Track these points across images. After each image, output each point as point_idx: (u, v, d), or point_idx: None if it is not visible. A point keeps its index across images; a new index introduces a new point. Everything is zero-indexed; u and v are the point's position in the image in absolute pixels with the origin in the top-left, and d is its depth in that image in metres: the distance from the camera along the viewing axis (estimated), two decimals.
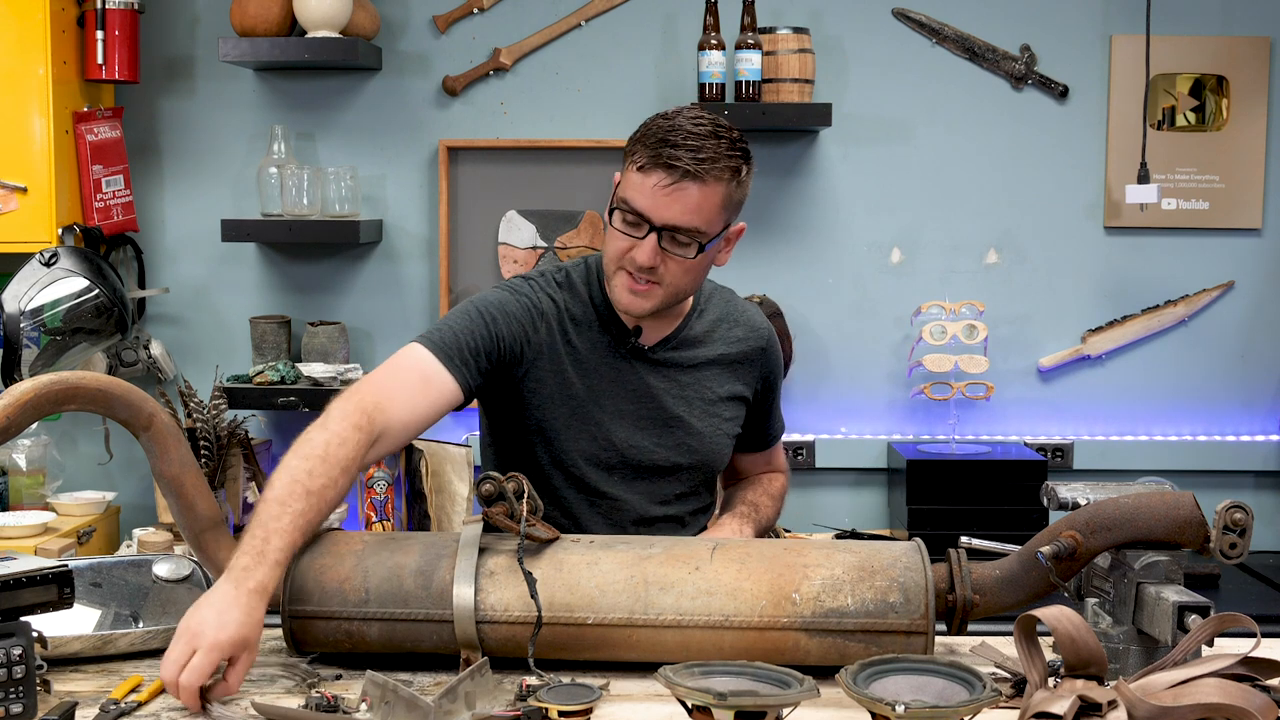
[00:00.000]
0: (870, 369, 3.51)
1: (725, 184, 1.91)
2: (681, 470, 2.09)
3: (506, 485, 1.69)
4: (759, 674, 1.42)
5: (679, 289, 1.97)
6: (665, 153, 1.87)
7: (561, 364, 2.03)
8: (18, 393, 1.59)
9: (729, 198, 1.93)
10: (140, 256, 3.44)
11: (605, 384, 2.04)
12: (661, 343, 2.07)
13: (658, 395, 2.06)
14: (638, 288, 1.95)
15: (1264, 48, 3.43)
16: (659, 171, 1.88)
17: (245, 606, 1.55)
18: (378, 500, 3.14)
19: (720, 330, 2.12)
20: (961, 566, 1.68)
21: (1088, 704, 1.28)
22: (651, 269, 1.92)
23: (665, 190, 1.88)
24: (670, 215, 1.89)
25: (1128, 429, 3.52)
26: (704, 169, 1.88)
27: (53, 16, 3.14)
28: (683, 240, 1.91)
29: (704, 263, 1.97)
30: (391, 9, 3.45)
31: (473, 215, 3.46)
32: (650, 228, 1.90)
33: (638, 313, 1.98)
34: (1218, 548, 1.57)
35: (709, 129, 1.90)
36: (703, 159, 1.87)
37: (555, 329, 2.03)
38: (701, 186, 1.88)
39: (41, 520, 3.11)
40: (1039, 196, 3.48)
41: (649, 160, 1.89)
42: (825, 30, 3.42)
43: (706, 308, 2.14)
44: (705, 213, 1.90)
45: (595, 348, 2.04)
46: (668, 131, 1.89)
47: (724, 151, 1.90)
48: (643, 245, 1.91)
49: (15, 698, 1.48)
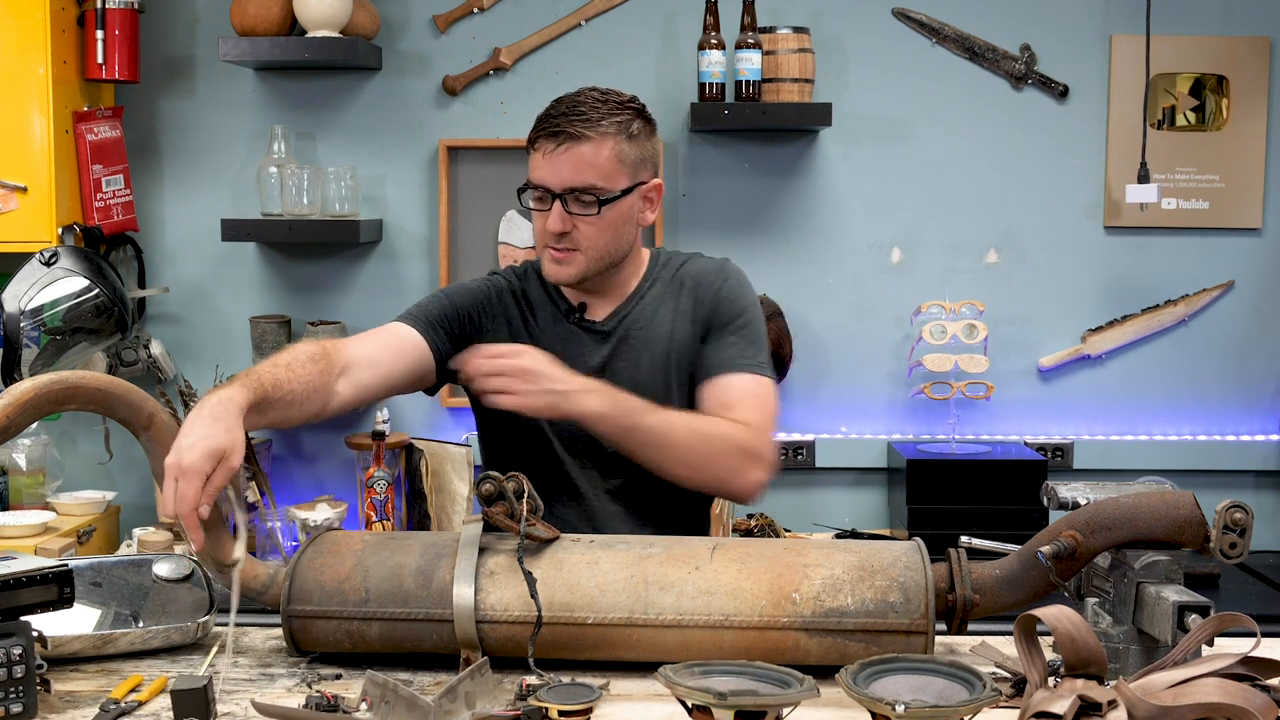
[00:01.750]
0: (870, 369, 3.51)
1: (613, 139, 2.02)
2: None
3: (506, 485, 1.69)
4: (759, 674, 1.42)
5: (598, 250, 2.05)
6: (550, 123, 2.02)
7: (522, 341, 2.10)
8: (18, 392, 1.59)
9: (623, 153, 2.03)
10: (140, 256, 3.44)
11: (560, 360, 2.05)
12: (611, 315, 2.13)
13: (610, 367, 2.09)
14: (559, 256, 2.05)
15: (1264, 48, 3.43)
16: (546, 141, 2.02)
17: (208, 418, 1.62)
18: (378, 500, 3.15)
19: (671, 292, 2.14)
20: (961, 566, 1.68)
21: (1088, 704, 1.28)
22: (564, 233, 2.02)
23: (554, 155, 2.01)
24: (564, 177, 2.00)
25: (1128, 429, 3.52)
26: (586, 128, 2.00)
27: (53, 16, 3.14)
28: (584, 199, 2.01)
29: (616, 220, 2.04)
30: (391, 9, 3.45)
31: (473, 215, 3.46)
32: (553, 196, 2.02)
33: (564, 280, 2.08)
34: (1218, 547, 1.57)
35: (595, 97, 2.05)
36: (585, 120, 2.00)
37: (514, 308, 2.15)
38: (588, 144, 2.00)
39: (41, 520, 3.11)
40: (1039, 196, 3.48)
41: (538, 134, 2.03)
42: (825, 30, 3.42)
43: (660, 275, 2.16)
44: (598, 169, 2.00)
45: (548, 327, 2.14)
46: (554, 107, 2.04)
47: (608, 111, 2.02)
48: (551, 214, 2.03)
49: (15, 697, 1.48)
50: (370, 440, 3.22)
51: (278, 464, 3.50)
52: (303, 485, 3.53)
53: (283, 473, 3.51)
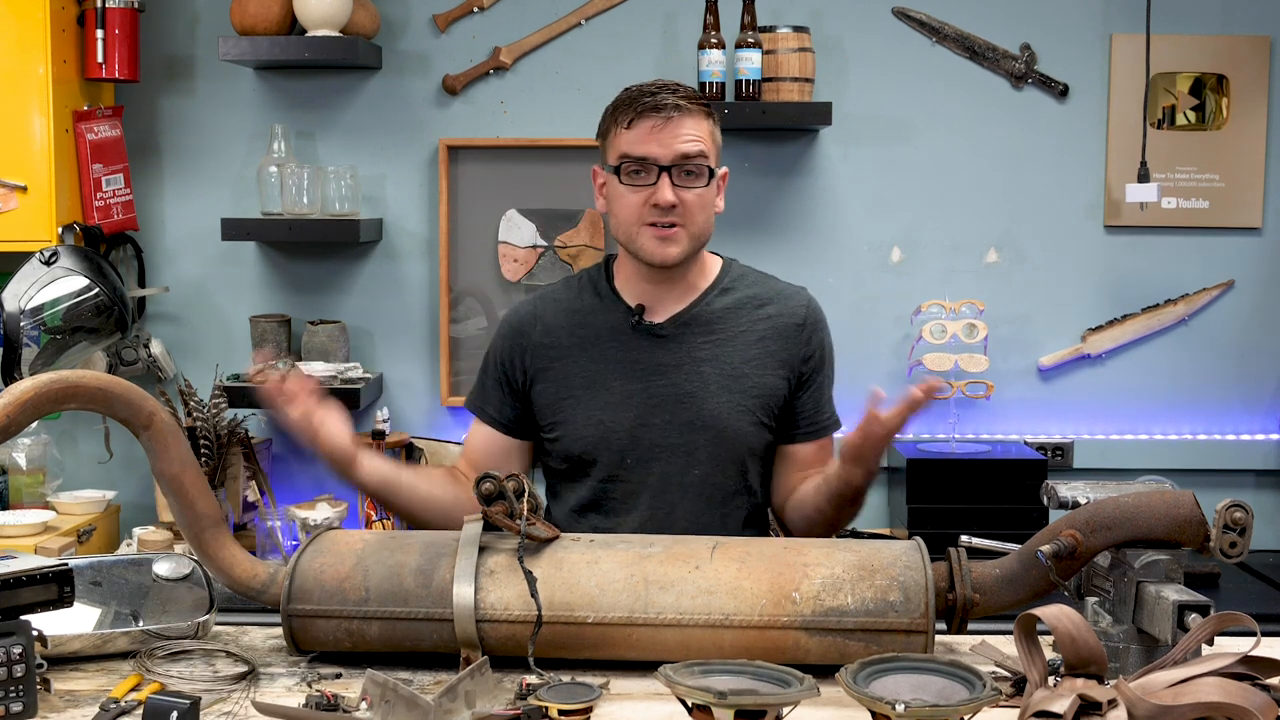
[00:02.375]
0: (870, 368, 3.50)
1: (708, 118, 2.05)
2: (698, 447, 2.06)
3: (506, 484, 1.69)
4: (759, 673, 1.42)
5: (698, 227, 2.04)
6: (647, 100, 2.01)
7: (562, 361, 2.10)
8: (18, 391, 1.59)
9: (714, 133, 2.06)
10: (140, 255, 3.44)
11: (612, 365, 2.08)
12: (674, 318, 2.09)
13: (668, 371, 2.07)
14: (664, 233, 2.02)
15: (1264, 47, 3.43)
16: (648, 117, 2.00)
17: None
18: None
19: (748, 309, 2.12)
20: (961, 565, 1.68)
21: (1088, 703, 1.28)
22: (672, 207, 2.00)
23: (661, 128, 2.00)
24: (675, 148, 2.00)
25: (1127, 428, 3.52)
26: (688, 102, 2.01)
27: (53, 16, 3.14)
28: (693, 169, 2.01)
29: (711, 198, 2.06)
30: (391, 8, 3.45)
31: (473, 214, 3.46)
32: (659, 168, 2.00)
33: (671, 259, 2.03)
34: (1218, 547, 1.57)
35: (670, 82, 2.05)
36: (683, 96, 2.02)
37: (557, 329, 2.12)
38: (692, 117, 2.01)
39: (41, 519, 3.11)
40: (1039, 196, 3.48)
41: (635, 114, 2.01)
42: (825, 29, 3.42)
43: (735, 286, 2.14)
44: (704, 140, 2.02)
45: (601, 333, 2.10)
46: (638, 91, 2.04)
47: (693, 94, 2.04)
48: (659, 187, 2.00)
49: (15, 696, 1.48)
50: (370, 440, 3.22)
51: (278, 464, 3.50)
52: (303, 485, 3.53)
53: (283, 472, 3.51)
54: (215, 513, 1.76)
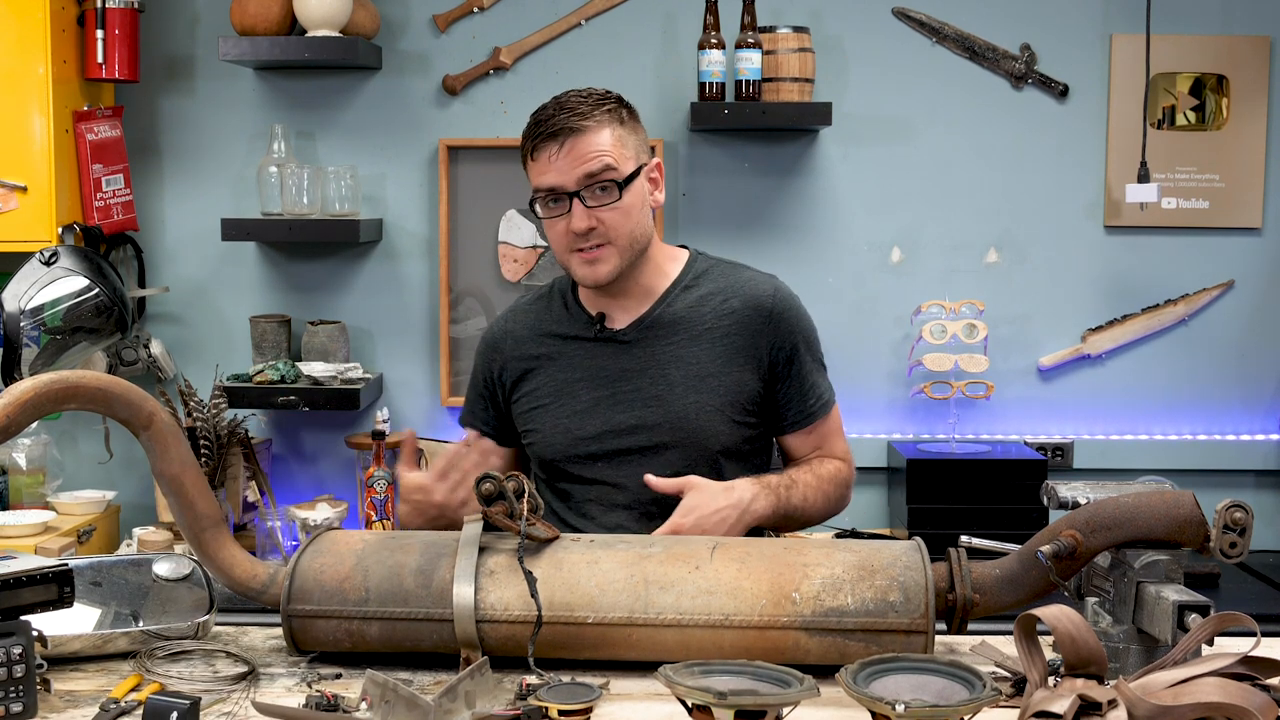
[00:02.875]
0: (870, 368, 3.50)
1: (610, 124, 2.02)
2: (667, 449, 2.08)
3: (506, 485, 1.69)
4: (759, 673, 1.42)
5: (625, 238, 2.03)
6: (543, 128, 2.00)
7: (535, 370, 2.15)
8: (17, 392, 1.59)
9: (622, 137, 2.03)
10: (140, 255, 3.44)
11: (579, 374, 2.11)
12: (635, 323, 2.11)
13: (633, 376, 2.09)
14: (590, 255, 2.03)
15: (1264, 47, 3.43)
16: (546, 145, 2.00)
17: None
18: (378, 500, 3.15)
19: (712, 303, 2.12)
20: (961, 566, 1.67)
21: (1088, 703, 1.28)
22: (591, 229, 2.00)
23: (559, 155, 1.99)
24: (577, 171, 1.99)
25: (1127, 428, 3.52)
26: (583, 121, 1.99)
27: (53, 16, 3.14)
28: (603, 186, 2.00)
29: (635, 204, 2.04)
30: (391, 8, 3.45)
31: (473, 214, 3.46)
32: (569, 195, 2.00)
33: (602, 279, 2.04)
34: (1218, 547, 1.57)
35: (573, 95, 2.04)
36: (578, 114, 2.00)
37: (527, 342, 2.17)
38: (588, 134, 1.99)
39: (41, 519, 3.11)
40: (1039, 196, 3.48)
41: (535, 143, 2.02)
42: (825, 29, 3.42)
43: (699, 282, 2.14)
44: (606, 153, 2.00)
45: (567, 343, 2.14)
46: (538, 114, 2.03)
47: (594, 102, 2.02)
48: (573, 214, 2.00)
49: (15, 697, 1.48)
50: (370, 440, 3.22)
51: (278, 464, 3.51)
52: (303, 485, 3.53)
53: (283, 473, 3.51)
54: (215, 513, 1.76)
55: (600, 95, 2.05)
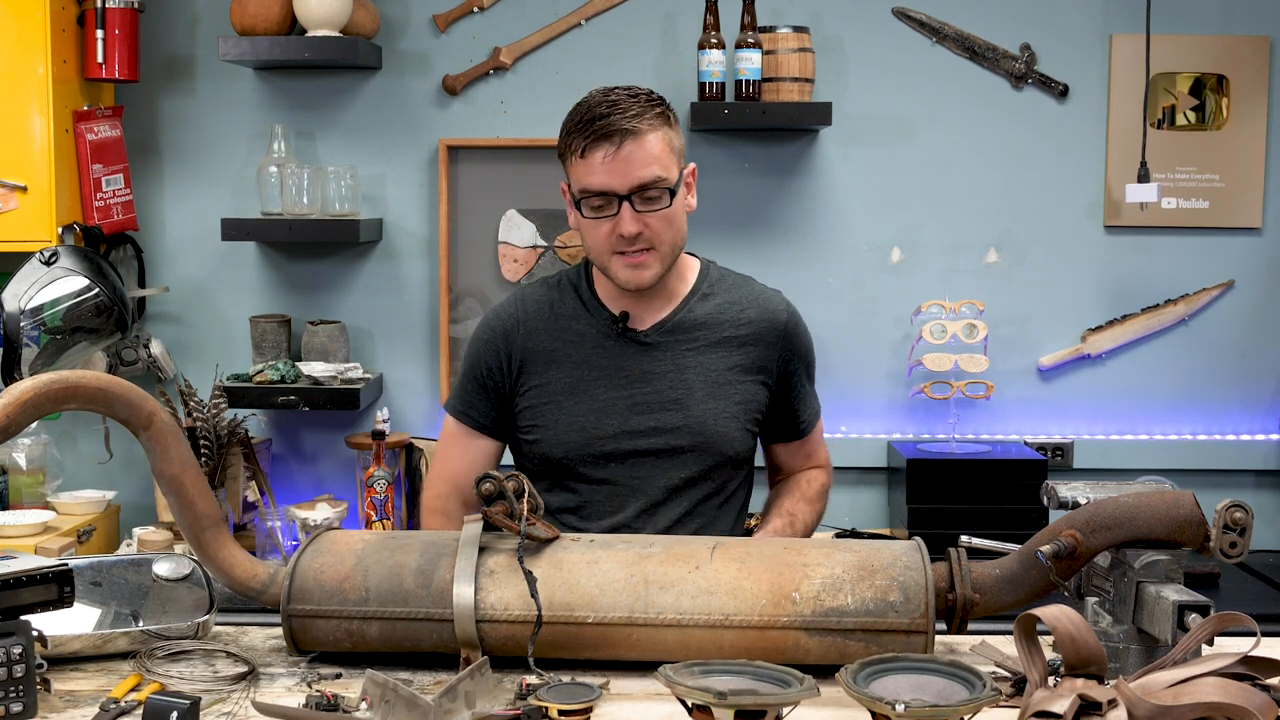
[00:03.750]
0: (870, 368, 3.51)
1: (662, 130, 2.00)
2: (684, 452, 2.08)
3: (506, 484, 1.69)
4: (759, 673, 1.42)
5: (669, 244, 2.03)
6: (597, 127, 1.96)
7: (548, 363, 2.11)
8: (17, 392, 1.59)
9: (671, 142, 2.01)
10: (140, 255, 3.44)
11: (596, 373, 2.09)
12: (657, 326, 2.09)
13: (653, 379, 2.07)
14: (635, 260, 2.01)
15: (1264, 47, 3.43)
16: (600, 146, 1.96)
17: None
18: (378, 499, 3.15)
19: (730, 312, 2.12)
20: (961, 565, 1.68)
21: (1088, 703, 1.28)
22: (639, 234, 1.98)
23: (614, 158, 1.96)
24: (631, 177, 1.96)
25: (1128, 428, 3.52)
26: (638, 123, 1.96)
27: (53, 16, 3.14)
28: (653, 194, 1.98)
29: (678, 210, 2.04)
30: (391, 8, 3.45)
31: (473, 214, 3.46)
32: (619, 199, 1.97)
33: (647, 283, 2.03)
34: (1218, 547, 1.57)
35: (623, 93, 2.01)
36: (632, 115, 1.97)
37: (539, 333, 2.12)
38: (644, 139, 1.96)
39: (41, 519, 3.11)
40: (1039, 196, 3.48)
41: (587, 142, 1.97)
42: (825, 29, 3.42)
43: (715, 290, 2.14)
44: (660, 160, 1.98)
45: (585, 339, 2.10)
46: (588, 111, 1.99)
47: (646, 105, 2.00)
48: (622, 218, 1.98)
49: (15, 697, 1.48)
50: (370, 440, 3.22)
51: (278, 464, 3.51)
52: (303, 485, 3.53)
53: (283, 472, 3.51)
54: (215, 513, 1.76)
55: (649, 96, 2.03)
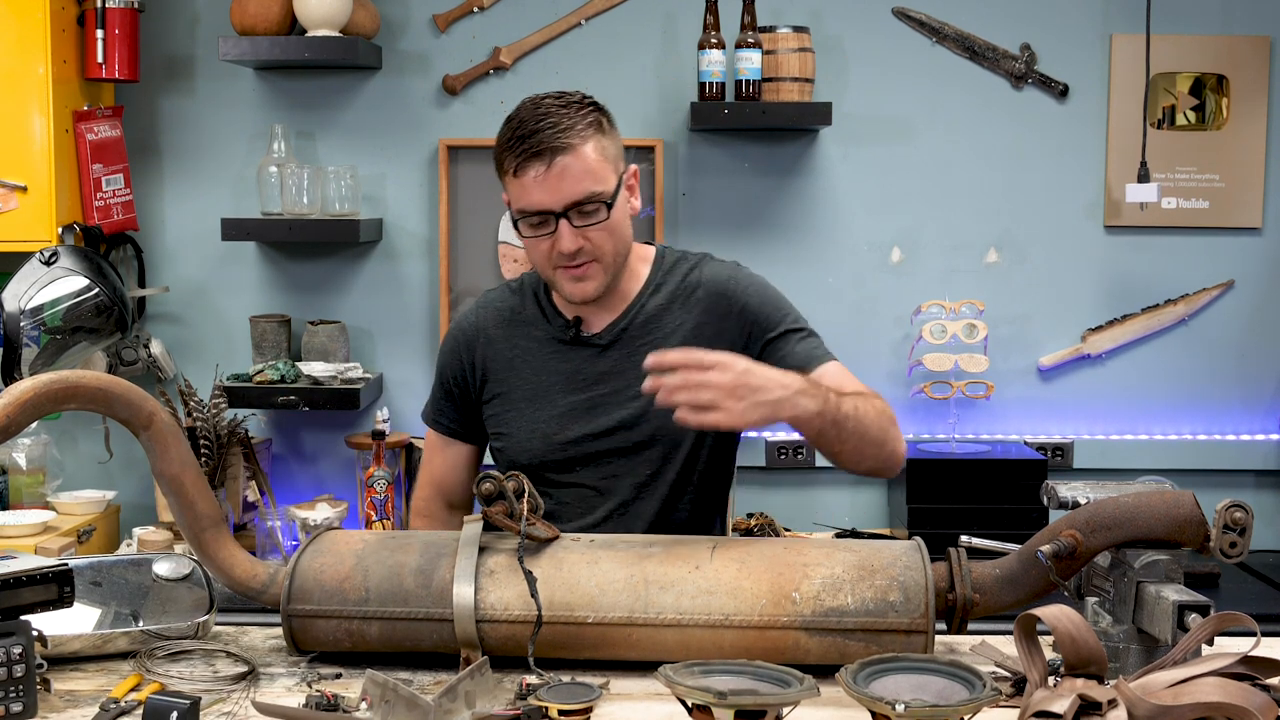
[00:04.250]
0: (870, 368, 3.50)
1: (594, 140, 1.96)
2: (646, 448, 2.06)
3: (506, 484, 1.69)
4: (759, 673, 1.42)
5: (612, 254, 2.01)
6: (527, 145, 1.93)
7: (509, 370, 2.13)
8: (17, 392, 1.59)
9: (605, 150, 1.97)
10: (140, 255, 3.44)
11: (555, 378, 2.10)
12: (609, 328, 2.09)
13: (610, 379, 2.07)
14: (578, 273, 2.00)
15: (1264, 47, 3.43)
16: (531, 165, 1.93)
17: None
18: (378, 499, 3.15)
19: (680, 299, 2.10)
20: (961, 565, 1.68)
21: (1088, 703, 1.28)
22: (579, 250, 1.97)
23: (546, 176, 1.93)
24: (565, 194, 1.94)
25: (1128, 428, 3.52)
26: (568, 138, 1.93)
27: (53, 16, 3.14)
28: (589, 209, 1.96)
29: (619, 220, 2.01)
30: (391, 8, 3.45)
31: (473, 214, 3.46)
32: (556, 216, 1.95)
33: (592, 295, 2.02)
34: (1218, 547, 1.57)
35: (553, 104, 1.96)
36: (562, 129, 1.93)
37: (499, 340, 2.14)
38: (576, 154, 1.93)
39: (41, 519, 3.11)
40: (1039, 196, 3.48)
41: (519, 161, 1.94)
42: (825, 29, 3.42)
43: (667, 280, 2.11)
44: (593, 174, 1.95)
45: (543, 345, 2.12)
46: (518, 128, 1.95)
47: (577, 114, 1.96)
48: (560, 235, 1.96)
49: (15, 696, 1.48)
50: (370, 440, 3.22)
51: (278, 463, 3.51)
52: (303, 485, 3.53)
53: (283, 472, 3.51)
54: (215, 513, 1.77)
55: (579, 102, 1.99)
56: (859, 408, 1.85)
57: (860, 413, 1.85)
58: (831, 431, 1.82)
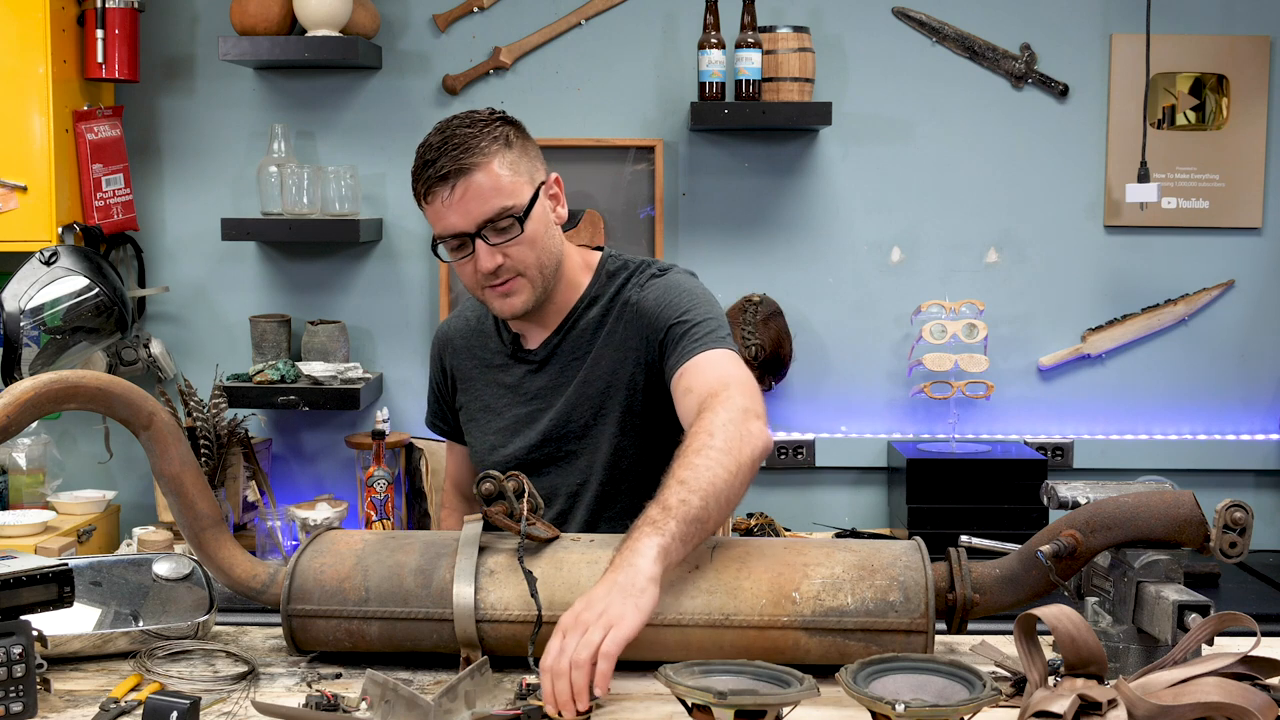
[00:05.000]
0: (870, 368, 3.51)
1: (498, 156, 1.94)
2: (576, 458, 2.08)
3: (506, 484, 1.69)
4: (759, 673, 1.42)
5: (536, 267, 1.98)
6: (430, 171, 1.93)
7: (467, 382, 2.18)
8: (17, 392, 1.59)
9: (513, 163, 1.95)
10: (140, 255, 3.44)
11: (501, 391, 2.14)
12: (545, 343, 2.09)
13: (546, 396, 2.09)
14: (503, 289, 1.99)
15: (1264, 47, 3.43)
16: (437, 189, 1.93)
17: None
18: (378, 499, 3.14)
19: (613, 312, 2.07)
20: (961, 565, 1.68)
21: (1088, 703, 1.28)
22: (499, 268, 1.96)
23: (452, 200, 1.93)
24: (474, 215, 1.93)
25: (1128, 428, 3.52)
26: (468, 159, 1.92)
27: (53, 15, 3.14)
28: (503, 225, 1.95)
29: (538, 231, 1.98)
30: (391, 8, 3.45)
31: None
32: (470, 237, 1.95)
33: (520, 311, 2.01)
34: (1218, 547, 1.57)
35: (458, 124, 1.95)
36: (461, 151, 1.92)
37: (464, 352, 2.18)
38: (477, 173, 1.92)
39: (42, 519, 3.11)
40: (1039, 196, 3.48)
41: (425, 187, 1.95)
42: (825, 29, 3.42)
43: (603, 292, 2.08)
44: (501, 189, 1.93)
45: (494, 359, 2.15)
46: (423, 155, 1.95)
47: (477, 132, 1.94)
48: (478, 255, 1.96)
49: (15, 696, 1.48)
50: (370, 440, 3.22)
51: (278, 463, 3.51)
52: (303, 485, 3.53)
53: (283, 472, 3.51)
54: (215, 513, 1.77)
55: (484, 119, 1.97)
56: (718, 491, 1.62)
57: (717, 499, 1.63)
58: (702, 534, 1.62)
